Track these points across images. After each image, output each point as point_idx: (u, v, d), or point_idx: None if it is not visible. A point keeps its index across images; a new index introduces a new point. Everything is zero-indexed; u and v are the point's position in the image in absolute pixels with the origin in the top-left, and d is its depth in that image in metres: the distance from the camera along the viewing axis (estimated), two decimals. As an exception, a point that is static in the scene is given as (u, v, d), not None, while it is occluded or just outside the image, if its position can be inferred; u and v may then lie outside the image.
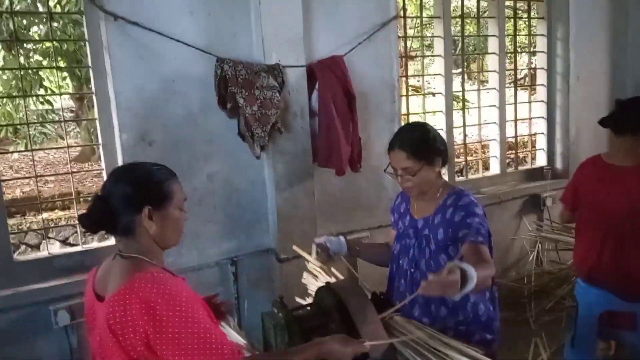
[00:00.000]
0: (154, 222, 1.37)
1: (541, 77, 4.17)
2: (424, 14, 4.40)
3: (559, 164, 4.19)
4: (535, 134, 4.29)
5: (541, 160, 4.28)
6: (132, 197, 1.35)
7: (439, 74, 3.64)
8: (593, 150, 2.83)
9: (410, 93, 4.30)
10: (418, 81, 8.95)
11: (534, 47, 4.22)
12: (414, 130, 1.96)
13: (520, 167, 4.24)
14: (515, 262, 3.97)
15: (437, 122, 3.71)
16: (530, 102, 4.26)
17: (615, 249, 2.43)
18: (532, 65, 4.28)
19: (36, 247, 5.12)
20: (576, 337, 2.61)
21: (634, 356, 2.68)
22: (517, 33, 4.30)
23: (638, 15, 4.20)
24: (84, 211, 1.36)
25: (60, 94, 4.31)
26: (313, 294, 2.15)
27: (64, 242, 5.09)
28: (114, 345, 1.27)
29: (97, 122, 2.63)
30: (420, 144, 1.89)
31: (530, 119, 4.24)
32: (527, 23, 4.34)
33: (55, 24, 5.58)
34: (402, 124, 3.49)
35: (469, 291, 1.50)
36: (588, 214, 2.56)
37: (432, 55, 3.84)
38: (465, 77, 5.56)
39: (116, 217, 1.35)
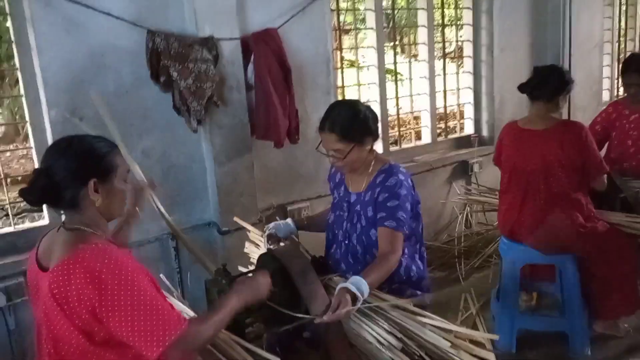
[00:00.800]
0: (99, 194, 1.37)
1: (467, 49, 4.36)
2: (356, -13, 4.45)
3: (485, 132, 4.42)
4: (463, 104, 4.50)
5: (469, 128, 4.50)
6: (77, 171, 1.34)
7: (372, 47, 3.73)
8: (517, 117, 3.02)
9: (345, 66, 4.37)
10: (353, 54, 9.05)
11: (461, 20, 4.39)
12: (343, 112, 1.96)
13: (449, 136, 4.44)
14: (446, 225, 4.20)
15: (371, 95, 3.82)
16: (457, 73, 4.45)
17: (533, 206, 2.64)
18: (460, 38, 4.46)
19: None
20: (501, 290, 2.84)
21: (554, 305, 2.94)
22: (445, 6, 4.45)
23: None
24: (26, 185, 1.34)
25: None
26: (255, 262, 2.22)
27: (-8, 226, 4.85)
28: (58, 314, 1.28)
29: (23, 99, 2.53)
30: (351, 126, 1.92)
31: (458, 89, 4.43)
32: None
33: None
34: (338, 96, 3.58)
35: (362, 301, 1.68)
36: (508, 176, 2.76)
37: (364, 29, 3.91)
38: (398, 50, 5.70)
39: (60, 190, 1.34)
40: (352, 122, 1.93)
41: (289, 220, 2.27)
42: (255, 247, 2.37)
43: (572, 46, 4.53)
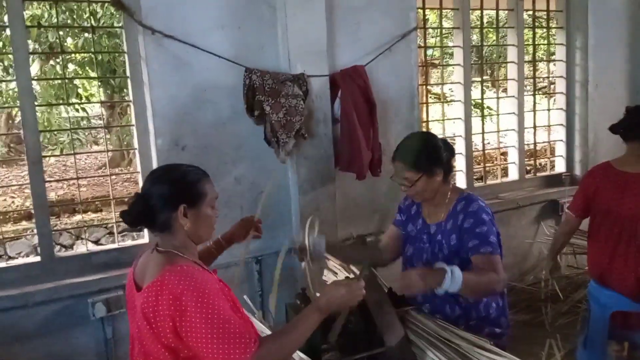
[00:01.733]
0: (188, 219, 1.50)
1: (560, 86, 4.24)
2: (445, 24, 4.51)
3: (577, 171, 4.24)
4: (554, 141, 4.35)
5: (560, 167, 4.34)
6: (169, 196, 1.49)
7: (459, 82, 3.75)
8: (611, 156, 2.89)
9: (431, 100, 4.41)
10: (441, 89, 9.04)
11: (554, 56, 4.29)
12: (414, 141, 2.02)
13: (539, 174, 4.30)
14: (533, 266, 4.03)
15: (456, 129, 3.82)
16: (549, 109, 4.33)
17: (626, 252, 2.50)
18: (552, 74, 4.36)
19: (70, 247, 5.36)
20: (588, 338, 2.68)
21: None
22: (537, 42, 4.39)
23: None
24: (125, 208, 1.52)
25: (100, 102, 4.51)
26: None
27: (96, 243, 5.33)
28: (147, 332, 1.41)
29: (133, 128, 2.82)
30: (419, 155, 1.96)
31: (549, 126, 4.31)
32: (546, 32, 4.42)
33: (87, 35, 5.86)
34: (422, 130, 3.62)
35: (450, 287, 1.71)
36: (600, 220, 2.63)
37: (451, 65, 3.95)
38: (488, 84, 5.65)
39: (154, 214, 1.49)
40: (420, 152, 1.98)
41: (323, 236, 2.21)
42: (334, 275, 2.44)
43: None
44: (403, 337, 1.81)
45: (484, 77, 4.60)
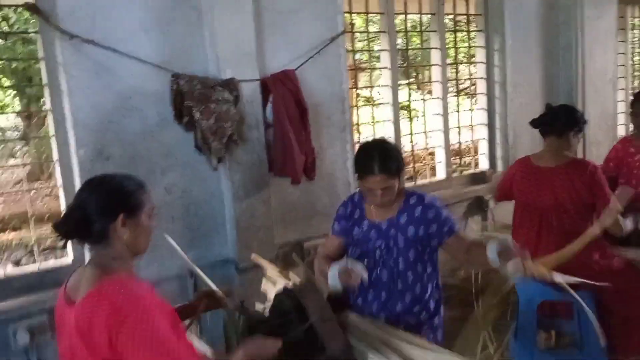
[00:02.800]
0: (127, 229, 1.45)
1: (481, 86, 4.44)
2: (371, 29, 4.60)
3: (499, 167, 4.45)
4: (477, 140, 4.54)
5: (484, 164, 4.53)
6: (107, 206, 1.43)
7: (387, 85, 3.82)
8: (529, 152, 3.06)
9: (361, 103, 4.47)
10: (370, 92, 9.21)
11: (474, 58, 4.48)
12: (385, 152, 2.05)
13: (464, 172, 4.47)
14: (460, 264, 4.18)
15: (386, 131, 3.89)
16: (472, 109, 4.52)
17: (548, 243, 2.65)
18: (473, 76, 4.55)
19: (-15, 268, 4.96)
20: (518, 329, 2.81)
21: (573, 344, 2.90)
22: (458, 45, 4.56)
23: (567, 28, 4.54)
24: (59, 219, 1.43)
25: (17, 112, 4.19)
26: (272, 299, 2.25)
27: (17, 263, 4.96)
28: (81, 349, 1.33)
29: (53, 139, 2.65)
30: (396, 162, 2.03)
31: (472, 125, 4.49)
32: (467, 35, 4.61)
33: (0, 42, 5.46)
34: (353, 133, 3.65)
35: None
36: (521, 213, 2.78)
37: (379, 68, 4.02)
38: (414, 87, 5.80)
39: (91, 224, 1.41)
40: (396, 160, 2.04)
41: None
42: (272, 284, 2.40)
43: (586, 82, 4.60)
44: (345, 343, 1.81)
45: (410, 80, 4.74)
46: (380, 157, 2.02)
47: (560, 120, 2.66)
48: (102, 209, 1.42)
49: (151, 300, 1.37)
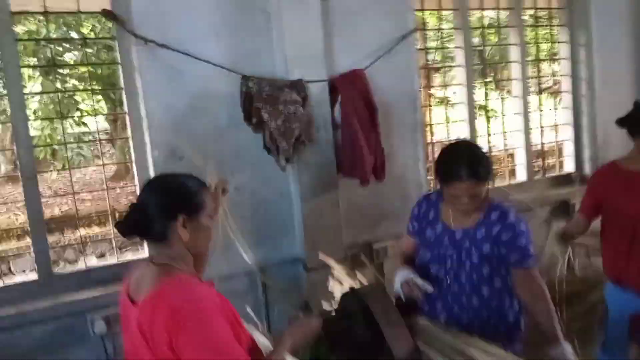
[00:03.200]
0: (187, 230, 1.44)
1: (565, 84, 4.16)
2: (445, 26, 4.45)
3: (587, 169, 4.14)
4: (561, 141, 4.26)
5: (569, 166, 4.24)
6: (167, 206, 1.43)
7: (461, 84, 3.68)
8: (622, 153, 2.80)
9: (434, 104, 4.33)
10: (444, 92, 8.97)
11: (557, 54, 4.21)
12: (475, 157, 1.92)
13: (547, 174, 4.21)
14: (547, 269, 3.92)
15: (460, 132, 3.74)
16: (555, 108, 4.24)
17: (640, 253, 2.41)
18: (557, 73, 4.28)
19: (74, 262, 5.31)
20: (607, 341, 2.59)
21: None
22: (539, 41, 4.31)
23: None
24: (121, 219, 1.46)
25: (95, 114, 4.49)
26: (338, 300, 2.20)
27: (101, 256, 5.28)
28: (143, 347, 1.34)
29: (130, 140, 2.77)
30: (485, 167, 1.91)
31: (555, 125, 4.22)
32: (549, 31, 4.35)
33: (89, 50, 5.85)
34: (426, 134, 3.54)
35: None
36: (611, 221, 2.54)
37: (453, 66, 3.88)
38: (492, 86, 5.56)
39: (151, 224, 1.43)
40: (485, 163, 1.92)
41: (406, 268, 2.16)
42: (339, 284, 2.36)
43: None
44: (413, 348, 1.73)
45: (487, 79, 4.54)
46: (469, 162, 1.89)
47: None
48: (162, 209, 1.43)
49: (210, 302, 1.36)
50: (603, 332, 2.69)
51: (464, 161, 1.89)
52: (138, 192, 2.76)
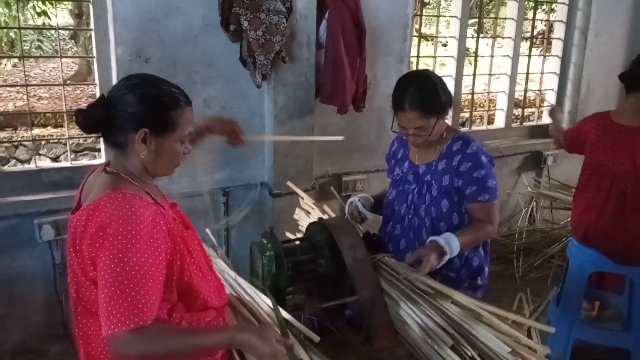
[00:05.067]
0: (146, 147, 1.26)
1: (559, 31, 4.01)
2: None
3: (565, 123, 4.06)
4: (545, 90, 4.16)
5: (547, 117, 4.17)
6: (134, 114, 1.24)
7: (455, 16, 3.47)
8: (601, 109, 2.72)
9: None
10: (429, 28, 8.67)
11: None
12: (420, 86, 1.79)
13: (525, 124, 4.14)
14: (508, 217, 3.95)
15: (446, 70, 3.58)
16: (544, 56, 4.11)
17: (614, 210, 2.38)
18: (551, 19, 4.10)
19: (26, 162, 5.04)
20: (562, 296, 2.62)
21: (617, 318, 2.70)
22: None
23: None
24: (83, 108, 1.27)
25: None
26: (303, 230, 2.11)
27: (55, 159, 5.02)
28: (74, 260, 1.23)
29: (92, 34, 2.50)
30: (432, 100, 1.77)
31: (542, 73, 4.10)
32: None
33: None
34: (412, 66, 3.37)
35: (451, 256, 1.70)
36: (590, 173, 2.49)
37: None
38: (484, 30, 5.34)
39: (112, 127, 1.25)
40: (433, 97, 1.77)
41: (367, 194, 2.12)
42: (306, 214, 2.26)
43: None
44: (376, 285, 1.67)
45: (482, 16, 4.32)
46: (415, 92, 1.76)
47: None
48: (127, 116, 1.24)
49: (147, 226, 1.18)
50: (559, 287, 2.72)
51: (410, 90, 1.77)
52: (97, 91, 2.57)
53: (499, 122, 3.97)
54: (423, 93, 1.76)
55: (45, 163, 2.75)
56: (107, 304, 1.11)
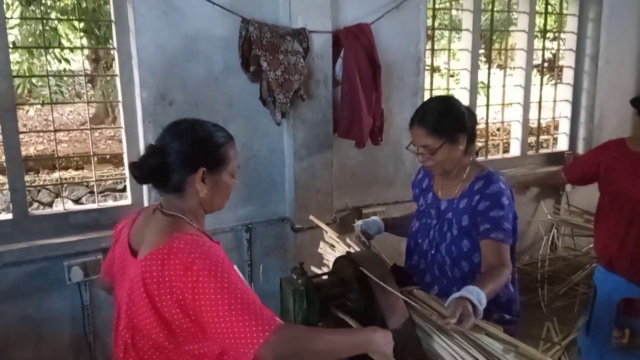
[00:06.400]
0: (205, 185, 1.32)
1: (569, 59, 4.06)
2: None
3: (580, 149, 4.10)
4: (558, 118, 4.19)
5: (563, 144, 4.19)
6: (190, 156, 1.30)
7: (466, 49, 3.54)
8: (616, 136, 2.74)
9: (436, 73, 4.19)
10: (440, 62, 8.80)
11: (564, 26, 4.09)
12: (436, 105, 1.83)
13: (541, 151, 4.16)
14: (530, 245, 3.92)
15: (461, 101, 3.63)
16: (556, 84, 4.15)
17: (638, 237, 2.37)
18: (560, 47, 4.16)
19: (48, 205, 5.13)
20: (592, 324, 2.58)
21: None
22: (548, 12, 4.17)
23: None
24: (136, 160, 1.32)
25: (81, 48, 4.22)
26: (328, 264, 2.13)
27: (77, 202, 5.11)
28: (144, 305, 1.23)
29: (117, 79, 2.59)
30: (442, 119, 1.76)
31: (554, 101, 4.14)
32: (559, 3, 4.21)
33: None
34: (425, 98, 3.42)
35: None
36: (610, 202, 2.50)
37: (459, 29, 3.73)
38: (495, 60, 5.42)
39: (169, 172, 1.30)
40: (444, 115, 1.77)
41: (376, 217, 2.15)
42: (331, 248, 2.27)
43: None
44: (407, 319, 1.66)
45: (492, 47, 4.42)
46: (428, 110, 1.79)
47: None
48: (184, 159, 1.29)
49: (223, 259, 1.25)
50: (587, 314, 2.69)
51: (425, 107, 1.81)
52: (123, 135, 2.64)
53: (515, 150, 3.99)
54: (435, 112, 1.78)
55: (72, 205, 2.80)
56: (239, 327, 1.15)
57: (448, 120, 1.78)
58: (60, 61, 6.46)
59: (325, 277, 1.91)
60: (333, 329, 1.35)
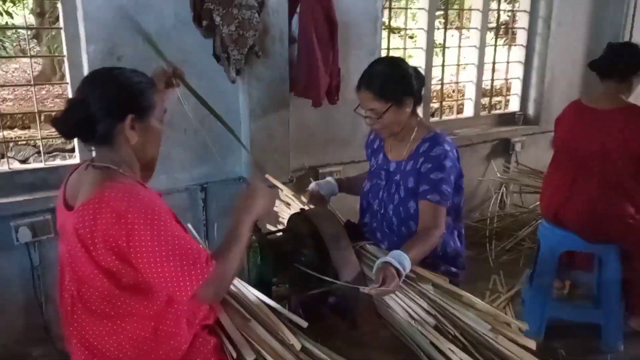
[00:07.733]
0: (135, 132, 1.29)
1: (523, 21, 4.12)
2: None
3: (531, 110, 4.22)
4: (511, 79, 4.28)
5: (514, 105, 4.30)
6: (115, 103, 1.26)
7: (423, 8, 3.54)
8: (566, 97, 2.84)
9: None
10: (395, 21, 8.75)
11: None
12: (382, 68, 1.82)
13: (493, 112, 4.25)
14: (480, 203, 4.06)
15: (416, 62, 3.65)
16: (509, 45, 4.22)
17: (582, 191, 2.48)
18: (515, 9, 4.21)
19: (-6, 166, 4.91)
20: (535, 276, 2.72)
21: (587, 296, 2.82)
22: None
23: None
24: (59, 115, 1.26)
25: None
26: (284, 222, 2.15)
27: (24, 162, 4.91)
28: (82, 256, 1.22)
29: (62, 32, 2.46)
30: (388, 83, 1.77)
31: (507, 62, 4.22)
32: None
33: None
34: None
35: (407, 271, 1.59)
36: (559, 156, 2.60)
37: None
38: (443, 20, 5.42)
39: (95, 123, 1.26)
40: (390, 79, 1.78)
41: (330, 178, 2.17)
42: (286, 206, 2.29)
43: (635, 28, 4.24)
44: (359, 272, 1.71)
45: (450, 8, 4.42)
46: (374, 73, 1.80)
47: (625, 62, 2.41)
48: (109, 108, 1.26)
49: (160, 208, 1.25)
50: (531, 267, 2.83)
51: (372, 70, 1.82)
52: (70, 91, 2.53)
53: (468, 111, 4.07)
54: (382, 75, 1.79)
55: (17, 165, 2.70)
56: (177, 273, 1.19)
57: (394, 83, 1.78)
58: (2, 14, 6.07)
59: (279, 234, 1.94)
60: (232, 235, 1.37)
